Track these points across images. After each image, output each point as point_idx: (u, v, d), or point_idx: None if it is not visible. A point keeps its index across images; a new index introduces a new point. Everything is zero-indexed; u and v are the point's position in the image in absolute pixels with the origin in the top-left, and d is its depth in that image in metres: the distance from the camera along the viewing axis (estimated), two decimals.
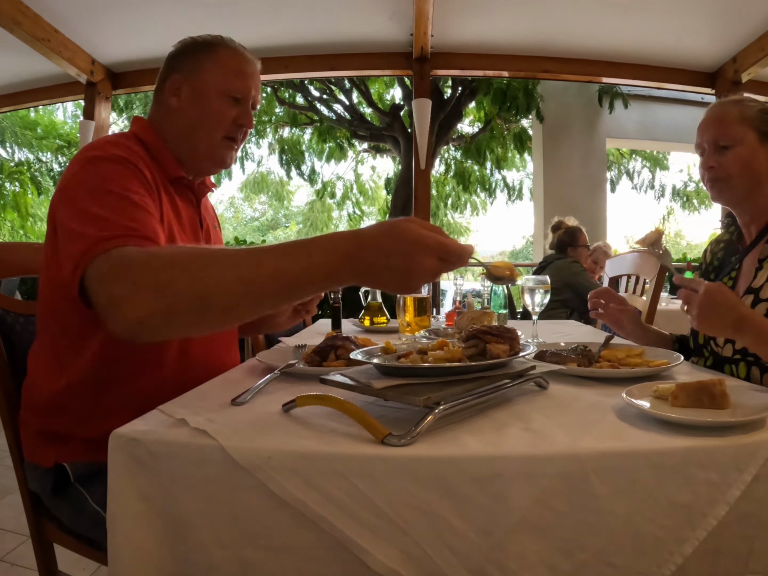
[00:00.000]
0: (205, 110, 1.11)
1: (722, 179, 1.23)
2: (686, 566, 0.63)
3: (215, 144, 1.13)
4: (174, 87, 1.12)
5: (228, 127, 1.13)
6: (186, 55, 1.14)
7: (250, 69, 1.16)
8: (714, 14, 3.88)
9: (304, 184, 10.06)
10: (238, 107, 1.13)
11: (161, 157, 1.10)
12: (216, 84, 1.11)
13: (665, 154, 10.13)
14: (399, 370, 0.80)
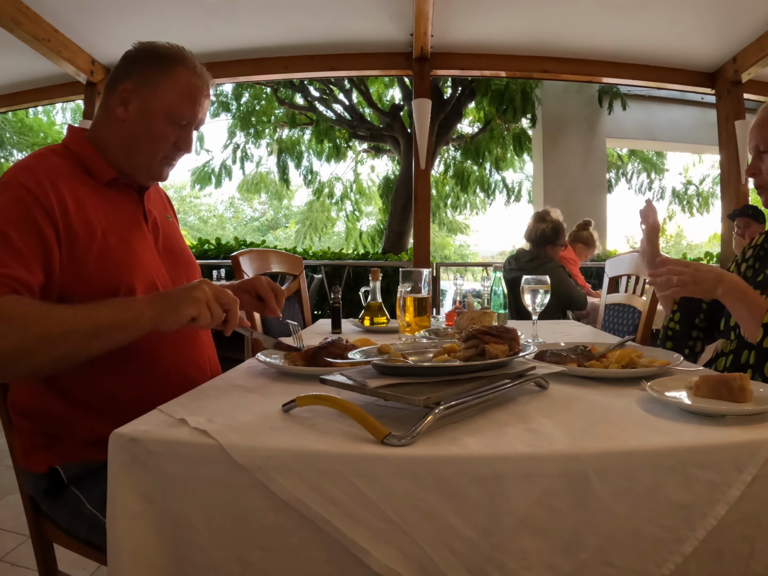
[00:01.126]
0: (149, 130, 1.11)
1: (764, 186, 1.23)
2: (688, 567, 0.63)
3: (153, 162, 1.14)
4: (123, 96, 1.11)
5: (167, 149, 1.14)
6: (142, 64, 1.12)
7: (203, 97, 1.15)
8: (714, 14, 3.88)
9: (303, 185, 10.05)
10: (181, 131, 1.14)
11: (91, 165, 1.10)
12: (165, 106, 1.10)
13: (663, 158, 10.13)
14: (399, 370, 0.80)
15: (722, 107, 4.70)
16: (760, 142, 1.21)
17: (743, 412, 0.74)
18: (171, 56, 1.13)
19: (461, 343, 0.90)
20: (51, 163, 1.04)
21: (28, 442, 1.04)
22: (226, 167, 8.67)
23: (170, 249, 1.22)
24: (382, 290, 1.85)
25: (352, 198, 10.28)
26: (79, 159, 1.10)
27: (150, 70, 1.11)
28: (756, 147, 1.23)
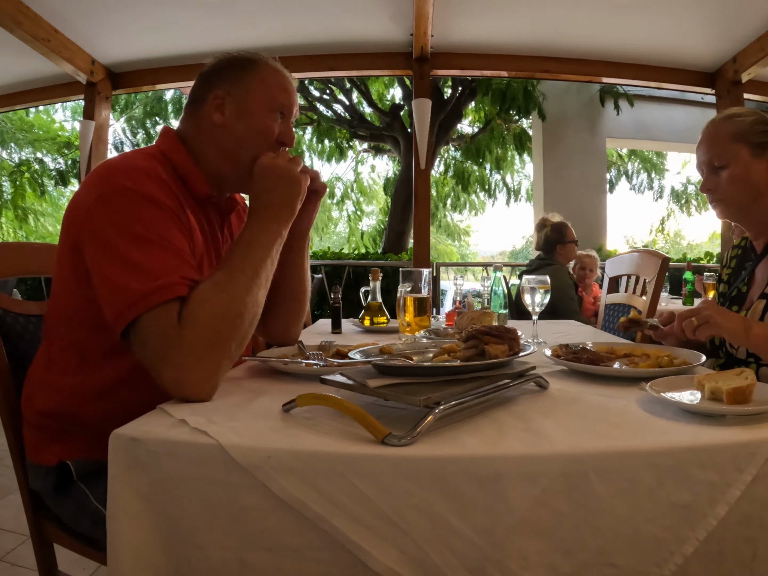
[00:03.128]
0: (253, 125, 1.09)
1: (722, 200, 1.25)
2: (689, 568, 0.63)
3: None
4: (216, 103, 1.09)
5: (271, 143, 1.11)
6: (226, 71, 1.12)
7: (291, 85, 1.16)
8: (714, 14, 3.88)
9: None
10: (282, 124, 1.13)
11: (190, 177, 1.07)
12: (262, 99, 1.10)
13: (663, 158, 10.13)
14: (399, 370, 0.80)
15: (722, 107, 4.69)
16: (714, 158, 1.23)
17: (743, 412, 0.74)
18: (249, 58, 1.13)
19: (461, 343, 0.90)
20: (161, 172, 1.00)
21: (40, 435, 1.03)
22: None
23: None
24: (382, 290, 1.85)
25: (353, 198, 10.27)
26: (177, 168, 1.07)
27: (235, 74, 1.11)
28: (709, 163, 1.25)
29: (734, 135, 1.21)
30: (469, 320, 1.34)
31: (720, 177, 1.23)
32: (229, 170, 1.11)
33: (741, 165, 1.20)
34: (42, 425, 1.03)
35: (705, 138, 1.26)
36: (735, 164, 1.21)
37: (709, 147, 1.25)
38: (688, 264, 3.73)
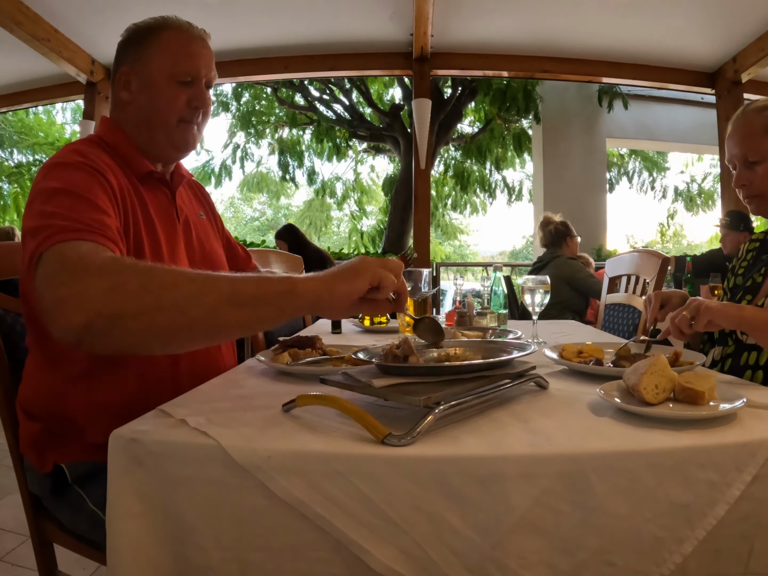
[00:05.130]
0: (155, 98, 1.09)
1: (757, 195, 1.24)
2: (686, 566, 0.63)
3: (171, 129, 1.11)
4: (123, 80, 1.10)
5: (181, 111, 1.10)
6: (131, 44, 1.11)
7: (198, 48, 1.13)
8: (714, 14, 3.88)
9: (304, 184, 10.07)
10: (189, 89, 1.11)
11: (127, 155, 1.09)
12: (162, 70, 1.09)
13: (664, 157, 10.12)
14: (399, 370, 0.80)
15: (722, 107, 4.70)
16: (748, 153, 1.22)
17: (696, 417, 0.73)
18: (153, 25, 1.12)
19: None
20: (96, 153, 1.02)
21: (35, 438, 1.03)
22: (226, 167, 8.67)
23: (201, 249, 1.20)
24: None
25: (353, 197, 10.28)
26: (117, 151, 1.08)
27: (139, 45, 1.10)
28: (742, 158, 1.23)
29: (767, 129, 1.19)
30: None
31: (755, 172, 1.21)
32: (147, 143, 1.12)
33: None
34: (39, 427, 1.03)
35: (737, 131, 1.24)
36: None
37: (742, 141, 1.23)
38: (688, 264, 3.72)
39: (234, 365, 1.25)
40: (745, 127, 1.23)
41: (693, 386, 0.77)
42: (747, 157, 1.22)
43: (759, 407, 0.78)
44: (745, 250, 1.42)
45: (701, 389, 0.76)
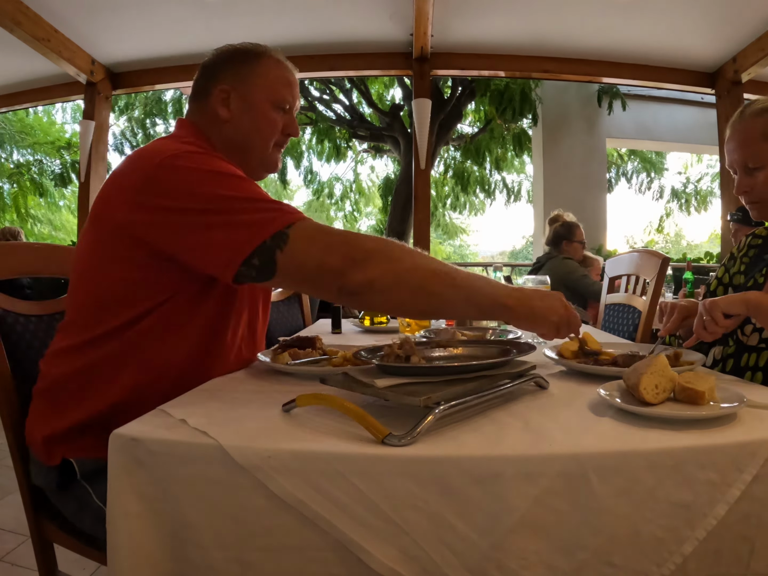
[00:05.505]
0: (259, 121, 1.13)
1: (759, 201, 1.23)
2: (687, 567, 0.63)
3: (266, 151, 1.16)
4: (222, 97, 1.12)
5: (278, 136, 1.16)
6: (230, 64, 1.14)
7: (293, 77, 1.19)
8: (714, 14, 3.88)
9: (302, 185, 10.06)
10: (285, 116, 1.17)
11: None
12: (266, 95, 1.13)
13: (662, 158, 10.12)
14: (399, 370, 0.80)
15: (722, 107, 4.70)
16: (748, 159, 1.20)
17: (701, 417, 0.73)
18: (253, 51, 1.15)
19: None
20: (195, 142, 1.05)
21: (49, 432, 1.03)
22: None
23: None
24: None
25: (351, 198, 10.27)
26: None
27: (238, 68, 1.13)
28: (742, 163, 1.22)
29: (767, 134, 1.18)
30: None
31: (755, 178, 1.20)
32: (240, 161, 1.13)
33: None
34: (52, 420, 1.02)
35: (736, 135, 1.23)
36: None
37: (742, 146, 1.21)
38: (688, 264, 3.73)
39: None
40: (743, 133, 1.22)
41: (693, 386, 0.77)
42: (747, 163, 1.20)
43: (759, 407, 0.78)
44: (747, 243, 1.41)
45: (701, 389, 0.76)
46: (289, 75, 1.17)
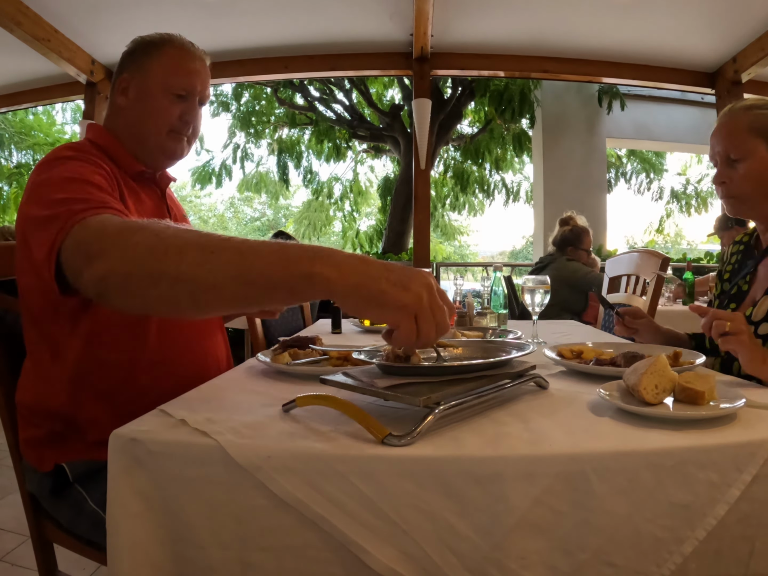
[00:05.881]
0: (149, 107, 1.15)
1: (735, 196, 1.22)
2: (687, 567, 0.63)
3: (162, 138, 1.17)
4: (122, 86, 1.17)
5: (173, 122, 1.17)
6: (135, 55, 1.18)
7: (196, 66, 1.19)
8: (714, 14, 3.88)
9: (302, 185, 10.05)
10: (182, 104, 1.17)
11: (118, 155, 1.14)
12: (160, 82, 1.15)
13: (662, 158, 10.11)
14: (399, 370, 0.80)
15: (722, 107, 4.69)
16: (730, 150, 1.19)
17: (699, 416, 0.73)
18: (158, 40, 1.18)
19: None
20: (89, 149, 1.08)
21: (36, 439, 1.03)
22: (226, 167, 8.66)
23: None
24: None
25: (350, 198, 10.26)
26: (107, 152, 1.13)
27: (142, 57, 1.17)
28: (724, 154, 1.21)
29: (753, 128, 1.17)
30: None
31: (735, 170, 1.20)
32: (138, 148, 1.17)
33: (758, 160, 1.17)
34: (38, 427, 1.03)
35: (722, 127, 1.23)
36: (752, 159, 1.17)
37: (726, 137, 1.21)
38: (688, 264, 3.73)
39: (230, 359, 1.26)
40: (729, 124, 1.21)
41: (693, 386, 0.77)
42: (729, 154, 1.20)
43: (759, 407, 0.78)
44: (729, 253, 1.42)
45: (701, 389, 0.76)
46: (189, 63, 1.18)
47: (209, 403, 0.85)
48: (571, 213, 3.56)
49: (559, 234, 3.47)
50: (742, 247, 1.38)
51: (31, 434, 1.04)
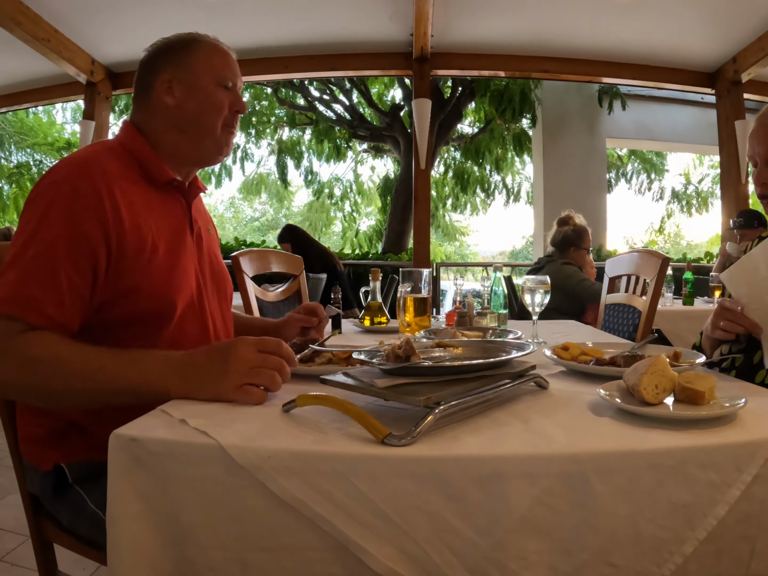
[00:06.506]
0: (205, 101, 1.12)
1: None
2: (687, 567, 0.63)
3: (216, 132, 1.15)
4: (166, 86, 1.12)
5: (227, 115, 1.16)
6: (166, 55, 1.14)
7: (232, 58, 1.19)
8: (714, 14, 3.88)
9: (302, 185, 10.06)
10: (230, 94, 1.16)
11: (149, 162, 1.09)
12: (209, 74, 1.13)
13: (662, 158, 10.12)
14: (399, 370, 0.80)
15: (722, 107, 4.71)
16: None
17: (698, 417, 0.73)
18: (188, 39, 1.16)
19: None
20: (107, 164, 1.01)
21: (36, 439, 1.03)
22: (226, 167, 8.67)
23: (210, 262, 1.20)
24: (381, 290, 1.85)
25: (351, 198, 10.27)
26: (136, 157, 1.09)
27: (176, 56, 1.13)
28: (764, 155, 1.21)
29: None
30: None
31: None
32: (190, 148, 1.14)
33: None
34: (38, 427, 1.03)
35: (761, 128, 1.23)
36: None
37: (766, 139, 1.21)
38: (688, 264, 3.73)
39: None
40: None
41: (693, 386, 0.77)
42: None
43: (759, 407, 0.78)
44: (754, 246, 1.41)
45: (701, 389, 0.76)
46: (227, 56, 1.18)
47: (209, 403, 0.85)
48: (569, 212, 3.51)
49: (559, 234, 3.40)
50: None
51: (31, 433, 1.04)
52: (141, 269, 0.99)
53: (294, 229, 4.57)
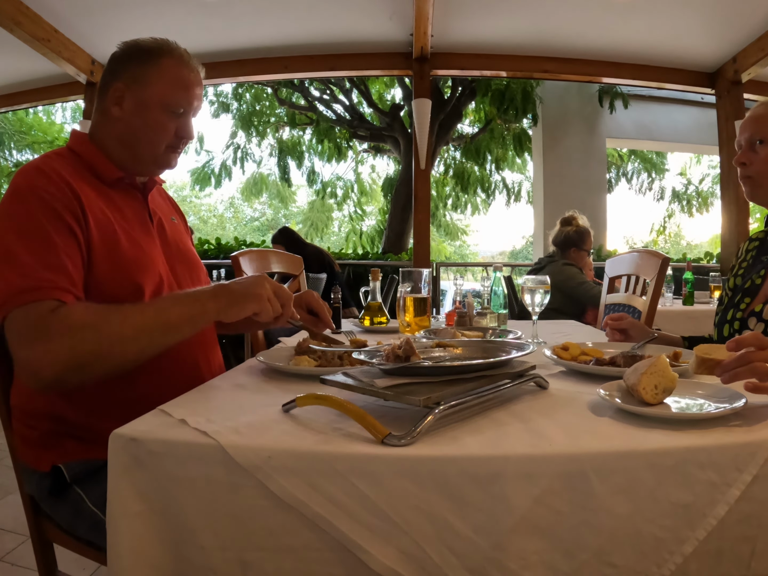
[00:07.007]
0: (148, 123, 1.12)
1: (752, 177, 1.24)
2: (688, 568, 0.63)
3: (158, 153, 1.15)
4: (116, 95, 1.13)
5: (170, 139, 1.15)
6: (129, 62, 1.14)
7: (193, 80, 1.16)
8: (714, 14, 3.88)
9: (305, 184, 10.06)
10: (179, 119, 1.15)
11: (96, 164, 1.12)
12: (159, 97, 1.12)
13: (663, 158, 10.11)
14: (399, 370, 0.80)
15: (722, 107, 4.70)
16: (756, 133, 1.23)
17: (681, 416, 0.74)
18: (155, 50, 1.14)
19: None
20: (60, 167, 1.04)
21: (31, 440, 1.04)
22: (226, 167, 8.67)
23: (176, 249, 1.23)
24: (381, 290, 1.84)
25: (353, 198, 10.26)
26: (84, 160, 1.11)
27: (137, 67, 1.13)
28: (749, 139, 1.24)
29: None
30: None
31: (756, 153, 1.23)
32: (129, 160, 1.15)
33: None
34: (33, 428, 1.03)
35: (752, 115, 1.26)
36: None
37: (754, 123, 1.25)
38: (688, 264, 3.72)
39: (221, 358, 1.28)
40: (759, 113, 1.25)
41: (712, 356, 0.77)
42: (753, 136, 1.23)
43: (759, 407, 0.78)
44: (744, 250, 1.41)
45: (722, 358, 0.76)
46: (187, 77, 1.15)
47: (209, 403, 0.85)
48: (573, 213, 3.52)
49: (561, 234, 3.41)
50: (757, 243, 1.37)
51: (25, 434, 1.04)
52: (106, 258, 1.03)
53: (288, 232, 4.62)
